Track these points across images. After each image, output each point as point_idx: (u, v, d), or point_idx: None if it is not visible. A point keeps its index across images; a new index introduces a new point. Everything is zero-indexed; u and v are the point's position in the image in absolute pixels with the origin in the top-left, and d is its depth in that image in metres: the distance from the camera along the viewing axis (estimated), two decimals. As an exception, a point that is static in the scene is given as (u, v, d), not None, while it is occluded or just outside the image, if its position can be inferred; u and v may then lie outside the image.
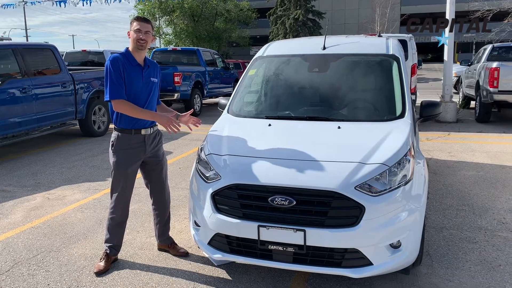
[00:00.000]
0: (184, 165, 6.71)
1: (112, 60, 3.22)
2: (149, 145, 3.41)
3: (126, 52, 3.31)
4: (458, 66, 16.92)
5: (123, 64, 3.23)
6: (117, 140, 3.36)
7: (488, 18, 18.90)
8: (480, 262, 3.46)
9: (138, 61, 3.30)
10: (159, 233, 3.71)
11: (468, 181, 5.65)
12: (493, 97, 9.60)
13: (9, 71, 7.42)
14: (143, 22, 3.27)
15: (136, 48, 3.26)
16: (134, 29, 3.23)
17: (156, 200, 3.64)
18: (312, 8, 39.84)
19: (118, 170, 3.37)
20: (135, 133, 3.33)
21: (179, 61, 14.15)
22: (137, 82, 3.27)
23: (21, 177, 6.17)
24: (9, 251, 3.79)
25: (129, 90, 3.25)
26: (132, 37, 3.25)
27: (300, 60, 4.34)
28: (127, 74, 3.24)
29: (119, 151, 3.35)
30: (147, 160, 3.47)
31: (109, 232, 3.49)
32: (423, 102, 3.92)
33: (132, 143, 3.34)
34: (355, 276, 2.76)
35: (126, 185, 3.41)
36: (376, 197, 2.73)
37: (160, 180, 3.58)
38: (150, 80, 3.36)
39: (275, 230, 2.78)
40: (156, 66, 3.50)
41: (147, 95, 3.34)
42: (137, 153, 3.37)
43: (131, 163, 3.36)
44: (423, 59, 44.96)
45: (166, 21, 41.49)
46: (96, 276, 3.31)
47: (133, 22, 3.27)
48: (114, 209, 3.44)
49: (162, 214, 3.67)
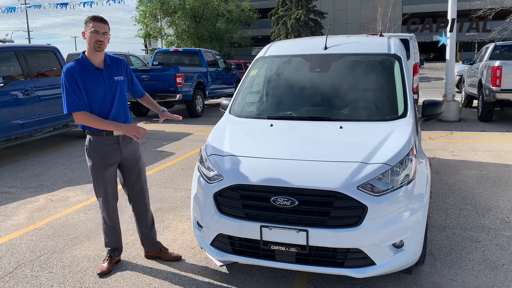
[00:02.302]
0: (186, 166, 6.72)
1: (66, 72, 3.10)
2: (125, 146, 3.31)
3: (81, 57, 3.17)
4: (460, 65, 16.88)
5: (79, 72, 3.10)
6: (89, 143, 3.28)
7: (490, 16, 18.86)
8: (484, 261, 3.45)
9: (96, 64, 3.17)
10: (145, 240, 3.58)
11: (471, 180, 5.64)
12: (496, 96, 9.57)
13: (12, 73, 7.45)
14: (100, 22, 3.10)
15: (94, 49, 3.11)
16: (90, 31, 3.07)
17: (136, 205, 3.50)
18: (313, 8, 39.82)
19: (95, 174, 3.29)
20: (106, 135, 3.22)
21: (181, 62, 14.16)
22: (98, 86, 3.16)
23: (24, 179, 6.19)
24: (12, 252, 3.80)
25: (92, 96, 3.15)
26: (89, 38, 3.09)
27: (302, 60, 4.34)
28: (85, 81, 3.11)
29: (93, 155, 3.27)
30: (124, 162, 3.36)
31: (106, 236, 3.48)
32: (425, 101, 3.91)
33: (106, 145, 3.25)
34: (357, 276, 2.76)
35: (108, 188, 3.33)
36: (379, 196, 2.73)
37: (139, 183, 3.46)
38: (113, 80, 3.22)
39: (277, 230, 2.78)
40: (121, 63, 3.33)
41: (111, 97, 3.21)
42: (112, 154, 3.27)
43: (107, 165, 3.27)
44: (425, 58, 44.83)
45: (167, 22, 41.52)
46: (99, 277, 3.32)
47: (89, 22, 3.09)
48: (104, 213, 3.42)
49: (144, 219, 3.54)
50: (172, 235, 4.07)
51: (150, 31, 41.00)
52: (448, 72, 11.20)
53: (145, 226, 3.56)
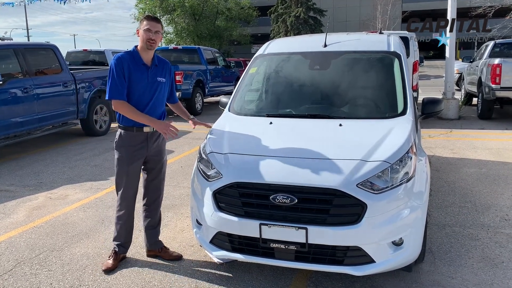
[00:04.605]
0: (185, 164, 6.71)
1: (117, 60, 3.22)
2: (152, 143, 3.40)
3: (133, 51, 3.30)
4: (460, 63, 16.85)
5: (128, 64, 3.22)
6: (119, 137, 3.37)
7: (490, 14, 18.82)
8: (483, 259, 3.45)
9: (144, 60, 3.28)
10: (149, 237, 3.60)
11: (470, 178, 5.64)
12: (495, 94, 9.57)
13: (11, 71, 7.43)
14: (154, 21, 3.23)
15: (145, 47, 3.24)
16: (144, 29, 3.20)
17: (149, 199, 3.55)
18: (313, 5, 39.78)
19: (120, 167, 3.38)
20: (137, 131, 3.32)
21: (180, 60, 14.14)
22: (141, 82, 3.26)
23: (23, 177, 6.18)
24: (11, 250, 3.79)
25: (133, 90, 3.25)
26: (142, 36, 3.22)
27: (301, 57, 4.33)
28: (131, 73, 3.23)
29: (121, 148, 3.36)
30: (149, 158, 3.45)
31: (117, 230, 3.49)
32: (424, 99, 3.90)
33: (135, 140, 3.33)
34: (357, 274, 2.76)
35: (129, 182, 3.40)
36: (378, 194, 2.73)
37: (158, 179, 3.55)
38: (156, 80, 3.33)
39: (277, 228, 2.77)
40: (166, 65, 3.47)
41: (151, 95, 3.32)
42: (139, 150, 3.36)
43: (133, 160, 3.36)
44: (425, 56, 44.80)
45: (167, 20, 41.42)
46: (104, 274, 3.32)
47: (143, 21, 3.23)
48: (120, 206, 3.44)
49: (153, 216, 3.58)
50: (171, 233, 4.07)
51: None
52: (447, 70, 11.19)
53: (151, 223, 3.59)
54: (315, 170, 2.83)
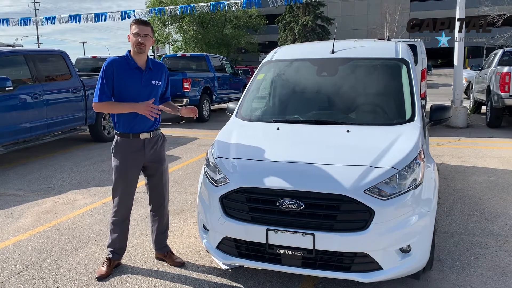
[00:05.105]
0: (193, 170, 6.72)
1: (107, 63, 3.23)
2: (149, 149, 3.37)
3: (126, 55, 3.30)
4: (468, 71, 16.78)
5: (118, 67, 3.22)
6: (116, 144, 3.36)
7: (499, 23, 18.74)
8: (492, 267, 3.40)
9: (138, 64, 3.27)
10: (156, 242, 3.62)
11: (479, 186, 5.58)
12: (504, 102, 9.50)
13: (21, 77, 7.51)
14: (142, 25, 3.21)
15: (136, 51, 3.24)
16: (133, 33, 3.20)
17: (154, 205, 3.56)
18: (321, 14, 39.93)
19: (117, 174, 3.36)
20: (133, 137, 3.30)
21: (188, 67, 14.22)
22: (134, 85, 3.25)
23: (32, 182, 6.22)
24: (19, 254, 3.81)
25: (125, 93, 3.24)
26: (132, 40, 3.21)
27: (309, 64, 4.34)
28: (122, 77, 3.21)
29: (118, 155, 3.35)
30: (147, 164, 3.42)
31: (111, 237, 3.48)
32: (433, 105, 3.89)
33: (131, 147, 3.32)
34: (364, 281, 2.74)
35: (126, 189, 3.38)
36: (386, 200, 2.71)
37: (160, 186, 3.52)
38: (151, 83, 3.32)
39: (283, 234, 2.76)
40: (162, 69, 3.45)
41: (145, 98, 3.28)
42: (136, 157, 3.34)
43: (130, 167, 3.34)
44: (433, 64, 44.63)
45: (175, 27, 41.82)
46: (97, 281, 3.30)
47: (132, 25, 3.22)
48: (115, 213, 3.43)
49: (160, 221, 3.58)
50: (178, 239, 4.07)
51: (158, 37, 41.27)
52: (456, 78, 11.14)
53: (159, 228, 3.59)
54: (322, 176, 2.82)
